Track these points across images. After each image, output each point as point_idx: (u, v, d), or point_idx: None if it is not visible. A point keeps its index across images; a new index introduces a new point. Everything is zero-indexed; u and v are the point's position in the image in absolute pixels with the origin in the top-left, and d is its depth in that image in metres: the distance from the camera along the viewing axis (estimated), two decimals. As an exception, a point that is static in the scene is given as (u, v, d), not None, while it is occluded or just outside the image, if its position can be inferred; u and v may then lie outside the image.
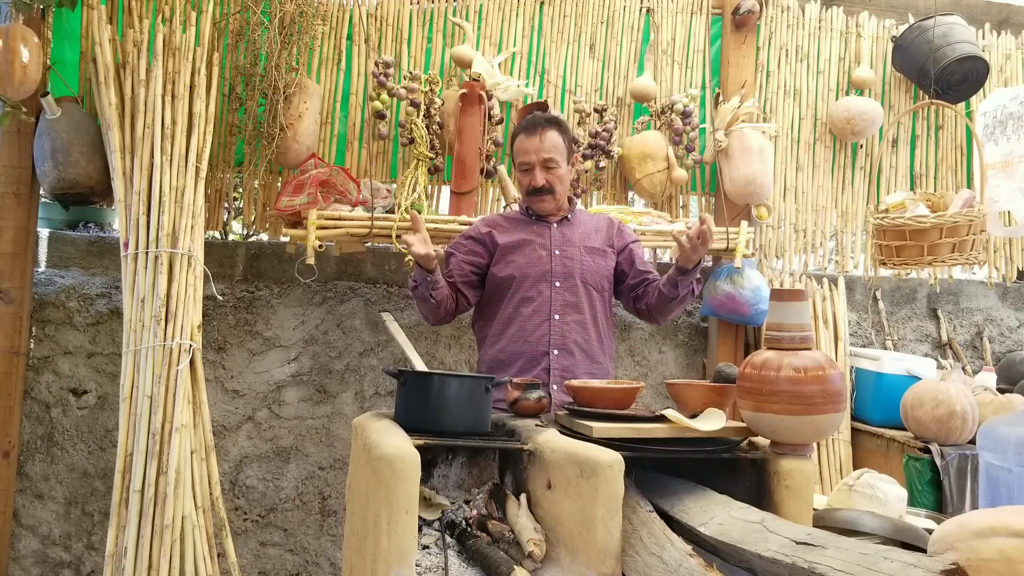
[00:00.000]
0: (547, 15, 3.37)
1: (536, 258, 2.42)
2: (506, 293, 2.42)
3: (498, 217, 2.61)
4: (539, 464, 1.73)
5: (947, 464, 2.71)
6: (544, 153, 2.37)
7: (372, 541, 1.56)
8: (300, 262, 2.88)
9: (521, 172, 2.44)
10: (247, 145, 3.01)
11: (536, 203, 2.45)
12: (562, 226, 2.48)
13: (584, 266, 2.44)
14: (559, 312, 2.38)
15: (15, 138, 2.81)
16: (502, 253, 2.44)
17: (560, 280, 2.40)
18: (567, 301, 2.39)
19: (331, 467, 3.18)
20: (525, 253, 2.43)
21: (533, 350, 2.36)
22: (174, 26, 2.70)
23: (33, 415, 2.97)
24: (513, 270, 2.41)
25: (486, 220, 2.58)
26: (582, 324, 2.40)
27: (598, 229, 2.53)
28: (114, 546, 2.38)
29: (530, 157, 2.39)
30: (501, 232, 2.47)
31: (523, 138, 2.41)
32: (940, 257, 2.66)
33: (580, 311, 2.40)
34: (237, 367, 3.12)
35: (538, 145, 2.37)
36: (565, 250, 2.44)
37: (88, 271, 3.08)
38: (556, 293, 2.39)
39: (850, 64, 3.61)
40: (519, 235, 2.46)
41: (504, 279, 2.42)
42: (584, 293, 2.42)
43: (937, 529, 1.25)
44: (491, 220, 2.57)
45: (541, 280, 2.40)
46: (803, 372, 1.70)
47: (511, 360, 2.36)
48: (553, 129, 2.40)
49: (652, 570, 1.48)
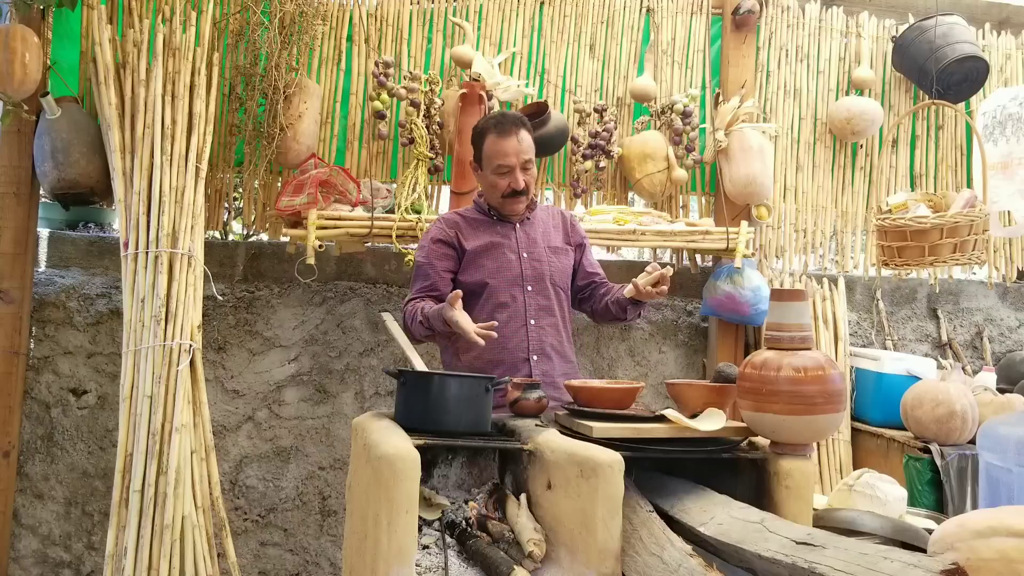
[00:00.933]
0: (547, 15, 3.37)
1: (506, 262, 2.36)
2: (478, 300, 2.34)
3: (456, 217, 2.46)
4: (539, 464, 1.73)
5: (947, 464, 2.71)
6: (524, 155, 2.32)
7: (372, 541, 1.56)
8: (300, 262, 2.88)
9: (498, 174, 2.33)
10: (247, 145, 3.01)
11: (513, 204, 2.37)
12: (524, 226, 2.44)
13: (552, 267, 2.41)
14: (534, 317, 2.35)
15: (15, 138, 2.81)
16: (470, 258, 2.36)
17: (532, 284, 2.36)
18: (540, 305, 2.36)
19: (331, 467, 3.18)
20: (494, 257, 2.36)
21: (512, 357, 2.32)
22: (174, 26, 2.70)
23: (33, 415, 2.97)
24: (484, 275, 2.35)
25: (447, 221, 2.45)
26: (555, 327, 2.38)
27: (555, 225, 2.50)
28: (114, 546, 2.38)
29: (510, 159, 2.30)
30: (466, 235, 2.39)
31: (498, 139, 2.31)
32: (942, 257, 2.66)
33: (553, 314, 2.38)
34: (237, 367, 3.12)
35: (516, 146, 2.30)
36: (532, 252, 2.40)
37: (88, 271, 3.08)
38: (529, 297, 2.35)
39: (850, 64, 3.61)
40: (485, 238, 2.39)
41: (475, 285, 2.34)
42: (554, 295, 2.40)
43: (937, 529, 1.25)
44: (451, 221, 2.44)
45: (513, 284, 2.35)
46: (803, 372, 1.70)
47: (489, 368, 2.26)
48: (524, 128, 2.34)
49: (652, 570, 1.48)
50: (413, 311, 2.26)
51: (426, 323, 2.20)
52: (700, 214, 3.51)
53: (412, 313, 2.27)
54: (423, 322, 2.21)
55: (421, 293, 2.34)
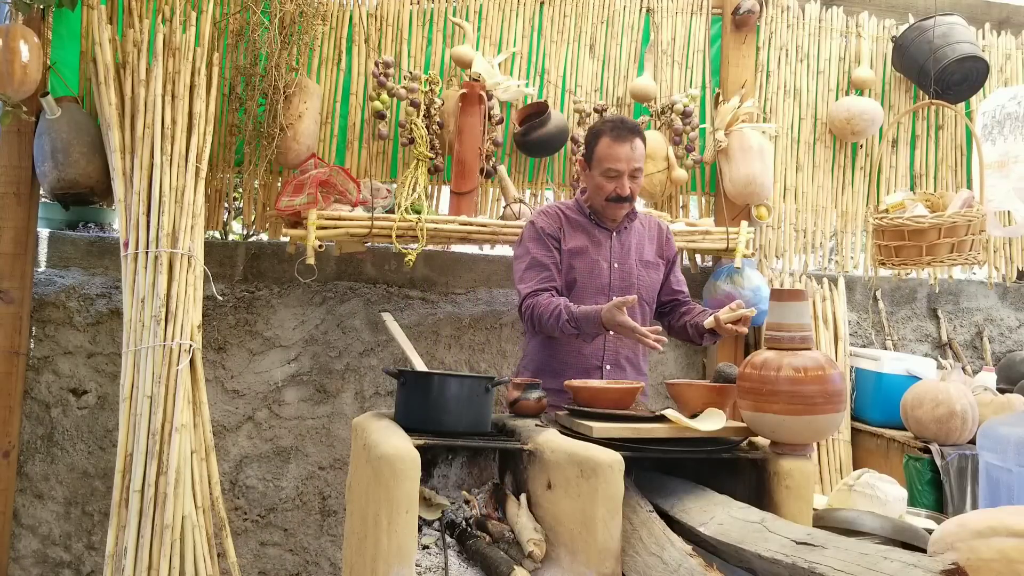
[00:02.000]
0: (547, 15, 3.37)
1: (597, 269, 2.38)
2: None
3: (559, 212, 2.45)
4: (539, 464, 1.73)
5: (947, 464, 2.71)
6: (635, 163, 2.33)
7: (372, 541, 1.56)
8: (300, 262, 2.88)
9: (607, 178, 2.33)
10: (247, 145, 3.01)
11: (615, 210, 2.38)
12: (620, 235, 2.44)
13: (641, 281, 2.42)
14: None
15: (15, 138, 2.81)
16: (565, 257, 2.39)
17: (618, 294, 2.33)
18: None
19: (331, 467, 3.18)
20: (586, 261, 2.39)
21: (585, 363, 2.35)
22: (174, 26, 2.70)
23: (33, 415, 2.97)
24: (574, 276, 2.38)
25: (550, 215, 2.44)
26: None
27: (651, 238, 2.51)
28: (114, 546, 2.38)
29: (621, 165, 2.31)
30: (566, 233, 2.41)
31: (613, 143, 2.32)
32: (939, 257, 2.66)
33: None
34: (237, 367, 3.12)
35: (630, 153, 2.31)
36: (624, 263, 2.42)
37: (88, 271, 3.08)
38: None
39: (850, 64, 3.61)
40: (581, 239, 2.41)
41: (565, 284, 2.38)
42: (638, 308, 2.39)
43: (937, 529, 1.25)
44: (554, 215, 2.44)
45: (599, 293, 2.37)
46: (803, 372, 1.70)
47: (560, 369, 2.32)
48: (640, 138, 2.36)
49: (652, 570, 1.48)
50: (553, 307, 2.24)
51: (574, 323, 2.19)
52: (700, 214, 3.52)
53: (551, 308, 2.24)
54: (570, 321, 2.20)
55: (545, 285, 2.32)
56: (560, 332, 2.25)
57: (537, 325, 2.29)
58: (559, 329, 2.23)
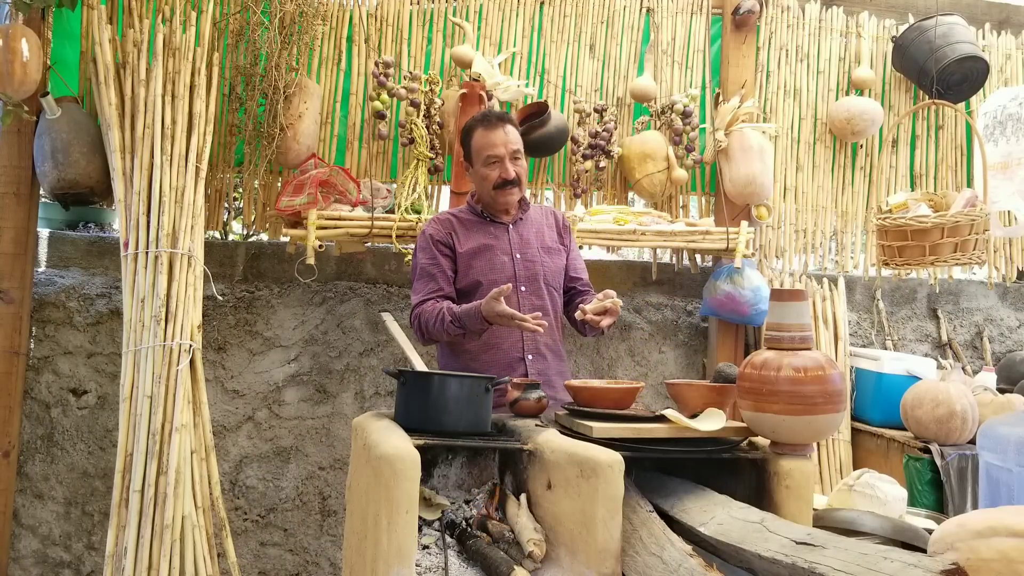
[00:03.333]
0: (547, 15, 3.37)
1: (499, 264, 2.38)
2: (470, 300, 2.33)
3: (450, 217, 2.48)
4: (539, 464, 1.73)
5: (947, 464, 2.71)
6: (513, 145, 2.36)
7: (372, 541, 1.56)
8: (300, 262, 2.88)
9: (487, 166, 2.36)
10: (247, 145, 3.01)
11: (505, 195, 2.39)
12: (517, 227, 2.46)
13: (545, 267, 2.43)
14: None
15: (15, 138, 2.81)
16: (463, 260, 2.38)
17: (525, 284, 2.38)
18: (535, 305, 2.37)
19: (331, 467, 3.18)
20: (487, 259, 2.38)
21: (507, 357, 2.35)
22: (174, 26, 2.70)
23: (33, 415, 2.97)
24: (477, 276, 2.37)
25: (441, 221, 2.46)
26: (550, 326, 2.37)
27: (550, 225, 2.53)
28: (114, 546, 2.38)
29: (499, 149, 2.35)
30: (459, 236, 2.41)
31: (486, 132, 2.37)
32: (942, 257, 2.65)
33: (547, 313, 2.38)
34: (237, 367, 3.12)
35: (504, 137, 2.35)
36: (526, 252, 2.42)
37: (88, 271, 3.08)
38: (524, 298, 2.37)
39: (850, 64, 3.61)
40: (478, 239, 2.40)
41: (468, 287, 2.37)
42: (547, 295, 2.42)
43: (937, 529, 1.25)
44: (445, 221, 2.46)
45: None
46: (803, 372, 1.70)
47: (484, 368, 2.29)
48: (509, 123, 2.40)
49: (652, 570, 1.48)
50: (436, 312, 2.26)
51: (458, 323, 2.21)
52: (700, 214, 3.52)
53: (435, 314, 2.26)
54: (454, 321, 2.21)
55: (432, 295, 2.34)
56: (447, 335, 2.26)
57: (427, 334, 2.31)
58: (445, 332, 2.24)
